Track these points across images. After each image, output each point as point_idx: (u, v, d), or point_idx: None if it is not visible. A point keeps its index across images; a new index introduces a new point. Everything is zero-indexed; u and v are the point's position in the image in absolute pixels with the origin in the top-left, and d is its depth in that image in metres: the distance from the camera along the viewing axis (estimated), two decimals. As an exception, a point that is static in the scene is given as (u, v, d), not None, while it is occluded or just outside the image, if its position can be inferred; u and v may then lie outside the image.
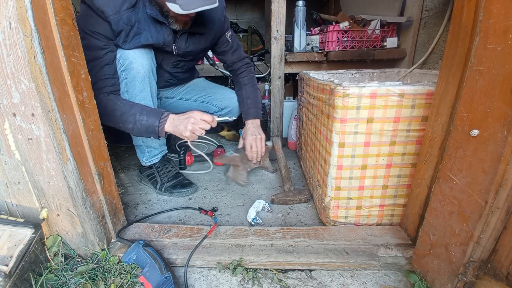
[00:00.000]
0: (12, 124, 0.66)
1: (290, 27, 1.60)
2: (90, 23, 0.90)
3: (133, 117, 0.92)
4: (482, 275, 0.60)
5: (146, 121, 0.92)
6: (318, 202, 1.01)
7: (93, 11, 0.89)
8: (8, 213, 0.76)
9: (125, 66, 0.97)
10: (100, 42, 0.92)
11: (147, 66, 1.01)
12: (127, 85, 0.99)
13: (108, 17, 0.89)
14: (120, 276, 0.76)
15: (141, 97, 1.03)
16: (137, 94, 1.02)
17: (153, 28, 0.98)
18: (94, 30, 0.90)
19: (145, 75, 1.01)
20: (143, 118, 0.92)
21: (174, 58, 1.15)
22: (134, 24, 0.94)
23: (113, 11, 0.89)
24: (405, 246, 0.82)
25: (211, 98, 1.35)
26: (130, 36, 0.95)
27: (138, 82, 1.00)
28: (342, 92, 0.76)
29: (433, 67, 1.31)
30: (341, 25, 1.54)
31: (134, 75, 0.99)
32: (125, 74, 0.98)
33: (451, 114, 0.64)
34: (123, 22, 0.91)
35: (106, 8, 0.88)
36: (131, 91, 1.01)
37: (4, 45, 0.59)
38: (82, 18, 0.91)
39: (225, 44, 1.25)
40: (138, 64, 0.98)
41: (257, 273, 0.79)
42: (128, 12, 0.91)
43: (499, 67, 0.50)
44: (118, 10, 0.90)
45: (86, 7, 0.89)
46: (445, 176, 0.63)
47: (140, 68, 0.99)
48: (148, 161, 1.24)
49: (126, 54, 0.96)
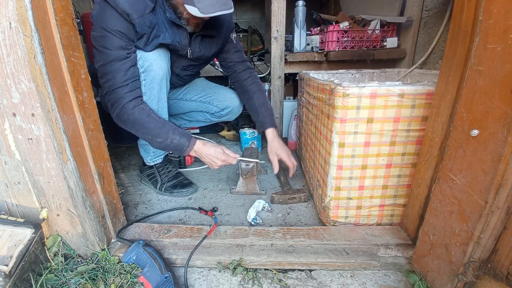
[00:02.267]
0: (12, 124, 0.66)
1: (290, 27, 1.60)
2: (112, 21, 0.87)
3: (167, 134, 0.96)
4: (482, 275, 0.60)
5: (178, 141, 0.98)
6: (318, 202, 1.01)
7: (115, 11, 0.87)
8: (8, 213, 0.76)
9: (145, 68, 0.97)
10: (122, 41, 0.90)
11: (165, 69, 1.02)
12: (145, 87, 1.00)
13: (133, 20, 0.87)
14: (120, 276, 0.76)
15: (158, 98, 1.04)
16: (155, 95, 1.02)
17: (170, 31, 0.98)
18: (116, 28, 0.88)
19: (163, 77, 1.02)
20: (176, 137, 0.97)
21: (186, 62, 1.15)
22: (154, 27, 0.94)
23: (138, 15, 0.88)
24: (405, 246, 0.82)
25: (211, 98, 1.35)
26: (151, 39, 0.95)
27: (157, 84, 1.01)
28: (342, 92, 0.76)
29: (433, 67, 1.31)
30: (341, 25, 1.54)
31: (153, 77, 0.99)
32: (144, 76, 0.98)
33: (451, 114, 0.64)
34: (146, 25, 0.91)
35: (132, 11, 0.86)
36: (149, 92, 1.01)
37: (4, 45, 0.59)
38: (101, 15, 0.87)
39: (229, 44, 1.24)
40: (157, 66, 0.98)
41: (257, 273, 0.79)
42: (150, 16, 0.91)
43: (499, 67, 0.50)
44: (142, 14, 0.89)
45: (107, 5, 0.86)
46: (445, 176, 0.63)
47: (159, 70, 0.99)
48: (152, 161, 1.24)
49: (146, 56, 0.96)
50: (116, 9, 0.86)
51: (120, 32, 0.88)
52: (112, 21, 0.87)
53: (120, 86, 0.90)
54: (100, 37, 0.88)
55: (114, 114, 0.94)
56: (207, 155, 1.02)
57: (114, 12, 0.87)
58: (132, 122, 0.93)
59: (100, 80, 0.93)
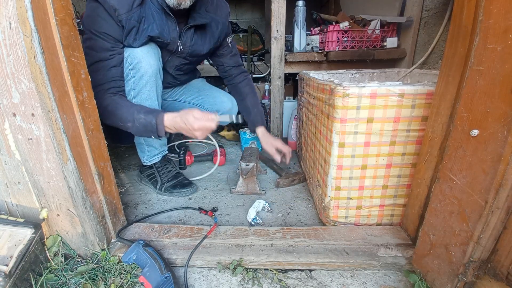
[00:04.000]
0: (12, 124, 0.66)
1: (290, 27, 1.60)
2: (99, 23, 0.89)
3: (132, 116, 0.92)
4: (482, 275, 0.60)
5: (144, 119, 0.91)
6: (318, 202, 1.01)
7: (103, 10, 0.88)
8: (8, 213, 0.76)
9: (133, 65, 0.97)
10: (107, 43, 0.92)
11: (155, 66, 1.01)
12: (134, 84, 1.00)
13: (120, 15, 0.89)
14: (120, 276, 0.76)
15: (147, 96, 1.03)
16: (144, 93, 1.02)
17: (159, 21, 0.98)
18: (102, 31, 0.90)
19: (152, 74, 1.01)
20: (141, 116, 0.91)
21: (178, 60, 1.15)
22: (142, 21, 0.94)
23: (126, 10, 0.89)
24: (405, 246, 0.82)
25: (203, 100, 1.35)
26: (139, 33, 0.95)
27: (145, 81, 1.01)
28: (342, 92, 0.76)
29: (433, 67, 1.31)
30: (341, 25, 1.54)
31: (142, 74, 0.99)
32: (133, 73, 0.99)
33: (451, 114, 0.64)
34: (134, 19, 0.92)
35: (119, 7, 0.88)
36: (138, 89, 1.01)
37: (4, 45, 0.59)
38: (89, 18, 0.90)
39: (225, 48, 1.27)
40: (146, 64, 0.98)
41: (257, 273, 0.79)
42: (138, 9, 0.92)
43: (499, 67, 0.50)
44: (130, 8, 0.90)
45: (96, 6, 0.88)
46: (445, 176, 0.63)
47: (148, 68, 0.99)
48: (149, 161, 1.24)
49: (134, 53, 0.97)
50: (103, 6, 0.87)
51: (106, 34, 0.90)
52: (97, 23, 0.89)
53: (100, 84, 0.91)
54: (87, 39, 0.90)
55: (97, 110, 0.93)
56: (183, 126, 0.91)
57: (101, 12, 0.88)
58: (103, 114, 0.89)
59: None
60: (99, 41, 0.90)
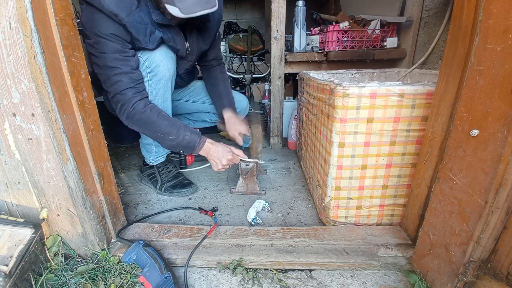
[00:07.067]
0: (12, 124, 0.66)
1: (290, 27, 1.59)
2: (103, 25, 0.85)
3: (177, 131, 0.96)
4: (482, 275, 0.60)
5: (189, 137, 0.98)
6: (318, 202, 1.01)
7: (103, 14, 0.84)
8: (8, 213, 0.76)
9: (151, 69, 0.97)
10: (117, 44, 0.88)
11: (171, 70, 1.02)
12: (151, 87, 0.99)
13: (122, 19, 0.84)
14: (120, 276, 0.76)
15: (164, 98, 1.04)
16: (161, 96, 1.02)
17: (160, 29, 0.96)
18: (109, 32, 0.85)
19: (169, 78, 1.02)
20: (187, 133, 0.98)
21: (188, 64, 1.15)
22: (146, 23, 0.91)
23: (126, 13, 0.85)
24: (405, 246, 0.82)
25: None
26: (148, 35, 0.92)
27: (163, 84, 1.01)
28: (342, 92, 0.76)
29: (433, 67, 1.31)
30: (341, 25, 1.54)
31: (160, 78, 0.99)
32: (150, 76, 0.98)
33: (451, 114, 0.64)
34: (137, 21, 0.88)
35: (119, 11, 0.83)
36: (155, 92, 1.01)
37: (4, 45, 0.59)
38: (91, 22, 0.85)
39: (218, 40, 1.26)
40: (164, 68, 0.98)
41: (257, 273, 0.79)
42: (137, 12, 0.88)
43: (499, 67, 0.50)
44: (130, 11, 0.86)
45: (93, 9, 0.83)
46: (445, 176, 0.63)
47: (165, 72, 0.99)
48: (155, 161, 1.25)
49: (152, 56, 0.96)
50: (102, 11, 0.83)
51: (113, 35, 0.87)
52: (103, 26, 0.85)
53: (127, 88, 0.90)
54: (96, 43, 0.87)
55: (124, 115, 0.93)
56: (215, 155, 1.03)
57: (102, 15, 0.84)
58: (144, 122, 0.93)
59: (104, 85, 0.92)
60: (108, 43, 0.86)
